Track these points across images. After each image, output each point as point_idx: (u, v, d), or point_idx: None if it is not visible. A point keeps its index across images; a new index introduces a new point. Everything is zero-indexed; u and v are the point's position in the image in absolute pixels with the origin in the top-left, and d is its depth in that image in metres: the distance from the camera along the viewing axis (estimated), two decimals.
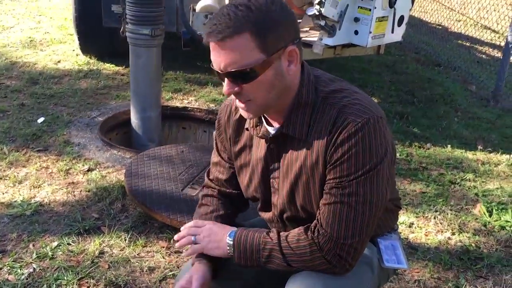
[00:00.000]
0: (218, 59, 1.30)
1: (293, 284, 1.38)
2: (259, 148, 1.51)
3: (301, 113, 1.39)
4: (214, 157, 1.68)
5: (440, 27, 8.05)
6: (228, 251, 1.46)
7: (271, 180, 1.51)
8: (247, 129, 1.52)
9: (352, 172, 1.32)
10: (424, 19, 8.22)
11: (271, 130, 1.45)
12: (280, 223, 1.56)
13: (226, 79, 1.33)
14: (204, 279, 1.49)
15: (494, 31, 7.88)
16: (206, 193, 1.69)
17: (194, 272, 1.50)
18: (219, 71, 1.32)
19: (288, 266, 1.39)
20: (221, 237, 1.47)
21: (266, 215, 1.60)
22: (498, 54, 7.19)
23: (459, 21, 8.23)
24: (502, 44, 7.62)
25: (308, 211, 1.46)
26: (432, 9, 8.46)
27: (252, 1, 1.28)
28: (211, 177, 1.70)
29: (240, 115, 1.53)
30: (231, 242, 1.45)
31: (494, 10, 7.31)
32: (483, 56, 7.13)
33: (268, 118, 1.46)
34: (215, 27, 1.27)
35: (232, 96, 1.56)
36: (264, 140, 1.48)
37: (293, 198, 1.47)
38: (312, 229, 1.38)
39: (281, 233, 1.43)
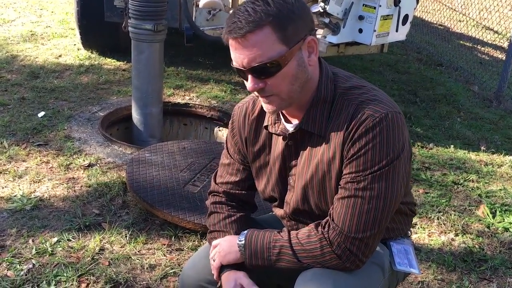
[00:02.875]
0: (241, 56, 1.29)
1: (303, 283, 1.36)
2: (277, 146, 1.49)
3: (320, 109, 1.38)
4: (225, 159, 1.65)
5: (442, 27, 8.04)
6: (240, 252, 1.45)
7: (288, 178, 1.50)
8: (265, 127, 1.50)
9: (368, 166, 1.31)
10: (426, 19, 8.20)
11: (290, 127, 1.44)
12: (292, 221, 1.55)
13: (249, 75, 1.31)
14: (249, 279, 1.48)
15: (496, 32, 7.86)
16: (215, 201, 1.65)
17: (237, 279, 1.47)
18: (242, 68, 1.31)
19: (299, 263, 1.38)
20: (231, 243, 1.48)
21: (279, 212, 1.59)
22: (500, 55, 7.18)
23: (461, 21, 8.21)
24: (504, 45, 7.61)
25: (322, 209, 1.44)
26: (434, 9, 8.44)
27: None
28: (219, 180, 1.66)
29: (258, 114, 1.52)
30: (243, 242, 1.45)
31: (497, 11, 7.29)
32: (485, 56, 7.11)
33: (287, 115, 1.45)
34: (235, 24, 1.26)
35: (247, 98, 1.55)
36: (282, 137, 1.47)
37: (307, 195, 1.46)
38: (323, 225, 1.38)
39: (291, 231, 1.42)
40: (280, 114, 1.46)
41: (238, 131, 1.58)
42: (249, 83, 1.33)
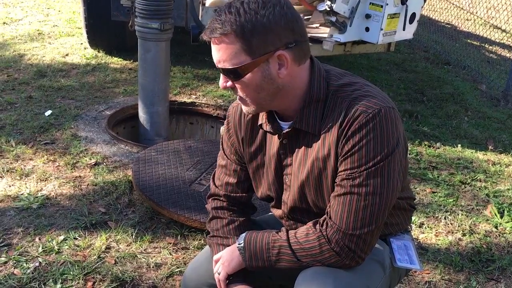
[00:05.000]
0: (213, 54, 1.35)
1: (303, 282, 1.36)
2: (272, 145, 1.49)
3: (313, 108, 1.38)
4: (221, 160, 1.64)
5: (449, 26, 8.00)
6: (241, 255, 1.45)
7: (283, 177, 1.49)
8: (260, 126, 1.49)
9: (363, 163, 1.30)
10: (433, 17, 8.17)
11: (284, 126, 1.44)
12: (290, 220, 1.54)
13: (221, 73, 1.37)
14: None
15: (504, 31, 7.82)
16: (216, 206, 1.64)
17: None
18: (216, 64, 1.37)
19: (299, 262, 1.38)
20: (232, 250, 1.48)
21: (277, 212, 1.58)
22: (508, 54, 7.14)
23: (469, 20, 8.17)
24: None
25: (319, 206, 1.44)
26: (441, 8, 8.41)
27: (245, 4, 1.28)
28: (218, 183, 1.65)
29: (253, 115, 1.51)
30: (242, 245, 1.45)
31: (505, 10, 7.24)
32: (493, 55, 7.07)
33: (281, 115, 1.44)
34: (210, 24, 1.31)
35: None
36: (277, 136, 1.46)
37: (304, 194, 1.45)
38: (321, 223, 1.37)
39: (290, 231, 1.42)
40: (274, 113, 1.46)
41: (234, 132, 1.57)
42: (220, 80, 1.39)
